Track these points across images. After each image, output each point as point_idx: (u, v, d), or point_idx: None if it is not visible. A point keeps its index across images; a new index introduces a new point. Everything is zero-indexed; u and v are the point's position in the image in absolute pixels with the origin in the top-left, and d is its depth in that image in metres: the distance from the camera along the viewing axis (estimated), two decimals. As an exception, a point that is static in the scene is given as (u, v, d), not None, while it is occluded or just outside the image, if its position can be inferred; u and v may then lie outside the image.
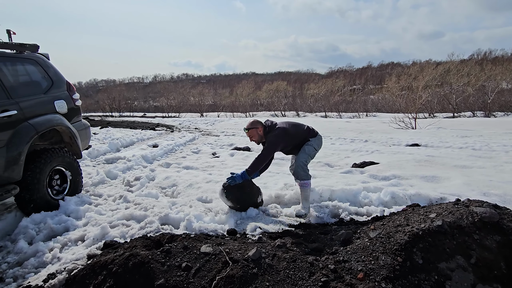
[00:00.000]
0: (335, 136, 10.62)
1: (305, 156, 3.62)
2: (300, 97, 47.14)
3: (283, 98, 42.34)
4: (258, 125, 3.62)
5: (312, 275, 2.31)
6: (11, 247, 3.03)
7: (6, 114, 3.29)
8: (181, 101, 39.89)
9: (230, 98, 44.45)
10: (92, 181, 5.03)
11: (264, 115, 35.24)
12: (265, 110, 40.89)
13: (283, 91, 44.79)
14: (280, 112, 37.33)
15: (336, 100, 38.64)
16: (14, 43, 3.84)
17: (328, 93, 42.78)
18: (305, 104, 41.31)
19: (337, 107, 35.74)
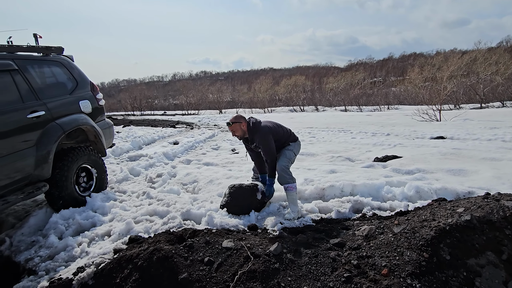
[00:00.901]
0: (355, 130, 10.42)
1: (286, 160, 3.57)
2: (319, 91, 46.53)
3: (301, 92, 41.90)
4: (241, 120, 3.60)
5: (334, 271, 2.29)
6: (42, 242, 3.18)
7: (35, 115, 3.44)
8: (200, 98, 40.30)
9: (248, 94, 44.44)
10: (117, 178, 5.19)
11: (283, 110, 35.06)
12: (283, 105, 40.63)
13: (301, 85, 44.32)
14: (299, 107, 37.00)
15: (356, 94, 37.85)
16: (40, 47, 3.99)
17: (348, 87, 41.99)
18: (324, 98, 40.74)
19: (357, 101, 35.00)
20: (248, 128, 3.58)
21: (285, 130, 3.78)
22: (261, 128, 3.53)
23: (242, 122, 3.58)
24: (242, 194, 3.54)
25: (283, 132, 3.71)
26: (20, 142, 3.27)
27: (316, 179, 4.40)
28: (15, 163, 3.19)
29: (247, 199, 3.51)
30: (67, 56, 4.41)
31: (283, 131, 3.72)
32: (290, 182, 3.44)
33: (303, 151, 7.12)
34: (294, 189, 3.45)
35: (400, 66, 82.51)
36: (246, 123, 3.60)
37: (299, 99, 39.37)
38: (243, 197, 3.52)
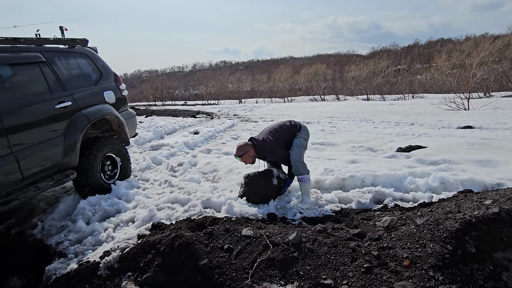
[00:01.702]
0: (378, 120, 10.16)
1: (298, 149, 3.59)
2: (340, 80, 45.54)
3: (322, 81, 41.16)
4: (247, 148, 3.60)
5: (354, 261, 2.27)
6: (71, 226, 3.34)
7: (62, 105, 3.57)
8: (219, 88, 40.47)
9: (268, 84, 44.17)
10: (140, 166, 5.34)
11: (303, 99, 34.64)
12: (303, 94, 40.10)
13: (322, 74, 43.51)
14: (319, 96, 36.43)
15: (379, 82, 36.74)
16: (66, 39, 4.12)
17: (370, 75, 40.80)
18: (345, 87, 39.84)
19: (380, 89, 33.99)
20: (256, 151, 3.62)
21: (286, 128, 3.76)
22: (266, 145, 3.56)
23: (249, 150, 3.59)
24: (258, 182, 3.56)
25: (285, 133, 3.71)
26: (49, 132, 3.42)
27: (336, 169, 4.35)
28: (45, 152, 3.34)
29: (263, 186, 3.54)
30: (91, 47, 4.52)
31: (284, 133, 3.71)
32: (303, 174, 3.46)
33: (323, 141, 7.04)
34: (308, 181, 3.47)
35: (426, 53, 79.11)
36: (252, 148, 3.60)
37: (320, 88, 38.70)
38: (259, 185, 3.54)
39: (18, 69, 3.38)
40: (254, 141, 3.63)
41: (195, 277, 2.23)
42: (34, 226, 3.43)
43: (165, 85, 40.97)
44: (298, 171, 3.48)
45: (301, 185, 3.47)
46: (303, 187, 3.46)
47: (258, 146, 3.59)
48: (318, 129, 8.86)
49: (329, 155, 5.44)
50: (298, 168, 3.48)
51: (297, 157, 3.53)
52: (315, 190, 3.71)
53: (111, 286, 2.44)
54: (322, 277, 2.14)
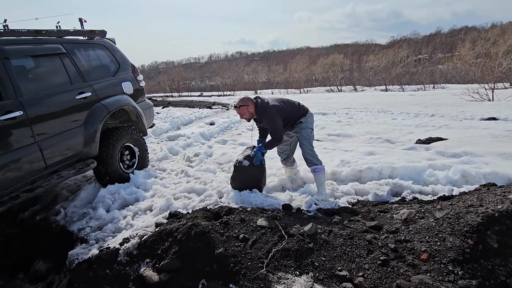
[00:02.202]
0: (396, 111, 9.91)
1: (308, 142, 3.50)
2: (358, 71, 44.55)
3: (339, 72, 40.40)
4: (249, 103, 3.47)
5: (370, 253, 2.25)
6: (92, 214, 3.45)
7: (82, 96, 3.66)
8: (235, 79, 40.41)
9: (284, 75, 43.73)
10: (157, 156, 5.43)
11: (319, 90, 34.18)
12: (320, 85, 39.52)
13: (339, 64, 42.68)
14: (336, 87, 35.84)
15: (399, 72, 35.73)
16: (85, 30, 4.18)
17: (389, 65, 39.73)
18: (363, 78, 38.96)
19: (399, 80, 33.05)
20: (256, 110, 3.48)
21: (294, 105, 3.61)
22: (269, 108, 3.41)
23: (250, 105, 3.46)
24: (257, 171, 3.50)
25: (292, 109, 3.55)
26: (70, 122, 3.52)
27: (353, 161, 4.30)
28: (67, 141, 3.44)
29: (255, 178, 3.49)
30: (110, 39, 4.58)
31: (292, 107, 3.56)
32: (317, 164, 3.41)
33: (340, 132, 6.95)
34: (323, 171, 3.41)
35: (449, 42, 76.02)
36: (253, 105, 3.48)
37: (337, 79, 38.02)
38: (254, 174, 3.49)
39: (40, 60, 3.47)
40: (259, 100, 3.51)
41: (211, 265, 2.26)
42: (58, 213, 3.57)
43: (181, 77, 41.25)
44: (311, 162, 3.43)
45: (315, 176, 3.42)
46: (317, 178, 3.41)
47: (261, 106, 3.45)
48: (334, 121, 8.74)
49: (346, 147, 5.36)
50: (311, 159, 3.44)
51: (308, 149, 3.46)
52: (331, 181, 3.68)
53: (130, 271, 2.52)
54: (338, 268, 2.13)
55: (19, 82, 3.07)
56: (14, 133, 2.94)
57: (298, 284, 2.00)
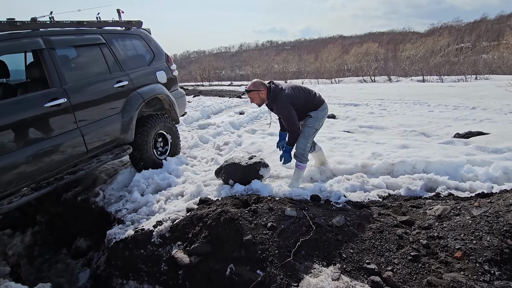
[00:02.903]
0: (433, 103, 9.42)
1: (304, 141, 3.41)
2: (393, 60, 42.57)
3: (373, 61, 38.84)
4: (260, 88, 3.31)
5: (400, 248, 2.21)
6: (128, 197, 3.64)
7: (120, 85, 3.82)
8: (265, 68, 40.14)
9: (315, 64, 42.76)
10: (188, 144, 5.58)
11: (351, 80, 33.18)
12: (352, 75, 38.29)
13: (373, 54, 40.99)
14: (369, 77, 34.62)
15: (437, 62, 33.70)
16: (123, 21, 4.34)
17: (428, 54, 37.54)
18: (398, 68, 37.18)
19: (438, 70, 31.16)
20: (268, 96, 3.33)
21: (310, 95, 3.42)
22: (281, 96, 3.25)
23: (261, 90, 3.31)
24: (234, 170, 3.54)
25: (306, 98, 3.38)
26: (108, 109, 3.71)
27: (385, 154, 4.17)
28: (106, 128, 3.63)
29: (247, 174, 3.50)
30: (145, 29, 4.72)
31: (306, 97, 3.39)
32: (302, 162, 3.45)
33: (372, 124, 6.75)
34: (304, 168, 3.48)
35: (496, 29, 70.39)
36: (265, 90, 3.32)
37: (370, 69, 36.61)
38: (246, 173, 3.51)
39: (82, 50, 3.66)
40: (272, 85, 3.34)
41: (239, 251, 2.33)
42: (97, 195, 3.80)
43: (212, 66, 41.61)
44: (298, 159, 3.46)
45: (295, 170, 3.49)
46: (296, 172, 3.49)
47: (273, 92, 3.29)
48: (366, 112, 8.48)
49: (378, 139, 5.21)
50: (298, 157, 3.45)
51: (301, 149, 3.43)
52: (361, 174, 3.60)
53: (163, 252, 2.65)
54: (366, 261, 2.12)
55: (63, 71, 3.27)
56: (59, 119, 3.14)
57: (325, 274, 2.01)
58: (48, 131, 3.04)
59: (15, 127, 2.77)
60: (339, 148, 4.75)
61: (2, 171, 2.64)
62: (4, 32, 2.91)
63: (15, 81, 3.93)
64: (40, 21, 3.27)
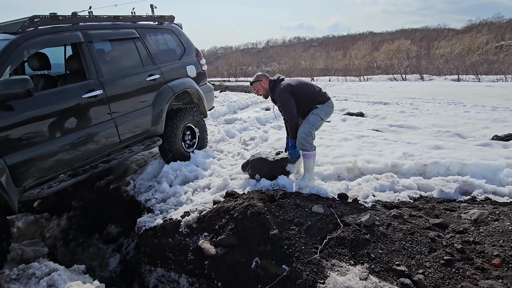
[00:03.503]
0: (470, 103, 8.95)
1: (308, 126, 3.26)
2: (426, 58, 40.80)
3: (404, 59, 37.44)
4: (262, 78, 3.46)
5: (432, 251, 2.13)
6: (157, 187, 3.75)
7: (152, 78, 3.93)
8: (292, 65, 39.80)
9: (343, 61, 41.78)
10: (215, 138, 5.66)
11: (381, 78, 32.23)
12: (382, 73, 37.11)
13: (405, 51, 39.50)
14: (400, 75, 33.45)
15: (475, 60, 31.94)
16: (156, 16, 4.45)
17: (464, 52, 35.65)
18: (432, 66, 35.59)
19: (475, 69, 29.53)
20: (270, 87, 3.44)
21: (313, 89, 3.39)
22: (281, 84, 3.33)
23: (263, 80, 3.45)
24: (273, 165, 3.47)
25: (309, 91, 3.34)
26: (141, 102, 3.82)
27: (417, 154, 4.03)
28: (137, 119, 3.75)
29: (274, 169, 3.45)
30: (177, 24, 4.81)
31: (309, 90, 3.35)
32: (308, 150, 3.25)
33: (403, 123, 6.53)
34: (312, 157, 3.28)
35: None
36: (267, 81, 3.46)
37: (401, 67, 35.33)
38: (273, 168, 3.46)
39: (117, 44, 3.80)
40: (275, 77, 3.49)
41: (265, 245, 2.34)
42: (128, 184, 3.94)
43: (239, 62, 41.83)
44: (301, 146, 3.28)
45: (303, 160, 3.32)
46: (305, 163, 3.31)
47: (274, 83, 3.42)
48: (397, 111, 8.21)
49: (409, 139, 5.03)
50: (302, 143, 3.25)
51: (304, 134, 3.24)
52: (391, 174, 3.50)
53: (190, 242, 2.71)
54: (395, 262, 2.06)
55: (100, 63, 3.40)
56: (95, 110, 3.28)
57: (352, 273, 1.98)
58: (85, 121, 3.18)
59: (55, 116, 2.92)
60: (368, 147, 4.63)
61: (43, 158, 2.80)
62: (47, 26, 3.07)
63: (56, 73, 4.14)
64: (80, 16, 3.42)
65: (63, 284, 2.14)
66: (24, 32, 2.86)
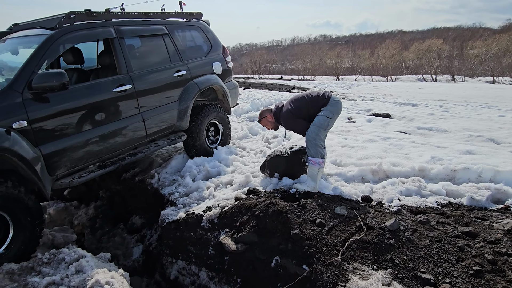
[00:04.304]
0: (505, 107, 8.48)
1: (314, 128, 3.18)
2: (459, 58, 39.04)
3: (435, 59, 36.00)
4: (266, 114, 3.56)
5: (461, 260, 2.05)
6: (180, 181, 3.82)
7: (179, 74, 4.00)
8: (317, 63, 39.31)
9: (370, 60, 40.76)
10: (238, 135, 5.69)
11: (409, 79, 31.21)
12: (410, 73, 35.88)
13: (436, 51, 37.99)
14: (430, 76, 32.22)
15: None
16: (185, 13, 4.51)
17: (501, 53, 33.81)
18: (465, 67, 34.01)
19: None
20: (275, 118, 3.54)
21: (310, 99, 3.35)
22: (282, 113, 3.41)
23: (267, 115, 3.55)
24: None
25: (308, 103, 3.33)
26: (167, 97, 3.90)
27: (446, 159, 3.87)
28: (164, 114, 3.83)
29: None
30: (204, 21, 4.86)
31: (307, 102, 3.34)
32: (313, 156, 3.16)
33: (432, 126, 6.29)
34: (316, 165, 3.15)
35: None
36: (271, 115, 3.55)
37: (432, 67, 34.01)
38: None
39: (146, 40, 3.89)
40: (275, 108, 3.56)
41: (286, 244, 2.33)
42: (152, 177, 4.04)
43: (263, 59, 41.82)
44: (308, 152, 3.22)
45: (308, 166, 3.23)
46: (309, 170, 3.21)
47: (275, 114, 3.53)
48: (426, 113, 7.91)
49: (438, 143, 4.85)
50: (308, 148, 3.21)
51: (310, 136, 3.20)
52: (418, 178, 3.38)
53: (211, 237, 2.75)
54: (421, 270, 2.00)
55: (130, 59, 3.50)
56: (124, 104, 3.38)
57: (374, 278, 1.93)
58: (114, 115, 3.29)
59: (87, 109, 3.04)
60: (394, 149, 4.50)
61: (75, 149, 2.92)
62: (82, 22, 3.19)
63: (88, 67, 4.30)
64: (113, 12, 3.53)
65: (90, 270, 2.23)
66: (61, 27, 2.99)
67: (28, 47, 3.16)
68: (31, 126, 2.58)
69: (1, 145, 2.32)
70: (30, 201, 2.55)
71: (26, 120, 2.55)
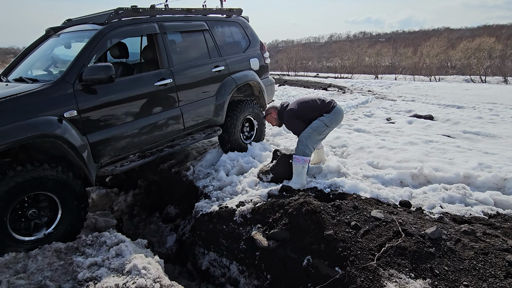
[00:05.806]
0: None
1: (310, 130, 3.33)
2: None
3: (485, 59, 33.43)
4: (270, 110, 3.68)
5: (509, 277, 1.90)
6: (215, 175, 3.89)
7: (217, 69, 4.06)
8: (355, 61, 38.06)
9: (412, 59, 38.73)
10: (272, 132, 5.68)
11: (455, 79, 29.32)
12: (457, 73, 33.63)
13: (487, 50, 35.29)
14: (479, 77, 30.06)
15: None
16: (225, 9, 4.56)
17: None
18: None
19: None
20: (279, 116, 3.64)
21: (314, 104, 3.47)
22: (285, 112, 3.54)
23: (272, 112, 3.67)
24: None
25: (311, 107, 3.45)
26: (205, 92, 3.98)
27: (496, 166, 3.61)
28: (201, 109, 3.92)
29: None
30: (244, 17, 4.89)
31: (311, 106, 3.46)
32: (298, 154, 3.30)
33: (479, 131, 5.88)
34: (301, 162, 3.28)
35: None
36: (276, 111, 3.65)
37: (481, 67, 31.68)
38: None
39: (187, 35, 3.98)
40: (280, 106, 3.68)
41: (319, 244, 2.30)
42: (188, 169, 4.16)
43: (299, 56, 41.32)
44: (295, 149, 3.36)
45: (293, 163, 3.35)
46: (294, 166, 3.33)
47: (280, 112, 3.64)
48: (473, 116, 7.41)
49: (486, 148, 4.52)
50: (297, 146, 3.35)
51: (303, 136, 3.33)
52: (463, 185, 3.18)
53: (243, 232, 2.78)
54: (463, 283, 1.88)
55: (171, 54, 3.61)
56: (165, 97, 3.50)
57: (412, 287, 1.85)
58: (155, 107, 3.41)
59: (130, 101, 3.18)
60: (437, 153, 4.27)
61: (118, 139, 3.08)
62: (128, 17, 3.33)
63: (132, 61, 4.49)
64: (157, 8, 3.65)
65: (129, 255, 2.34)
66: (110, 23, 3.15)
67: (80, 41, 3.37)
68: (80, 116, 2.75)
69: (53, 132, 2.50)
70: (77, 185, 2.72)
71: (76, 110, 2.71)
